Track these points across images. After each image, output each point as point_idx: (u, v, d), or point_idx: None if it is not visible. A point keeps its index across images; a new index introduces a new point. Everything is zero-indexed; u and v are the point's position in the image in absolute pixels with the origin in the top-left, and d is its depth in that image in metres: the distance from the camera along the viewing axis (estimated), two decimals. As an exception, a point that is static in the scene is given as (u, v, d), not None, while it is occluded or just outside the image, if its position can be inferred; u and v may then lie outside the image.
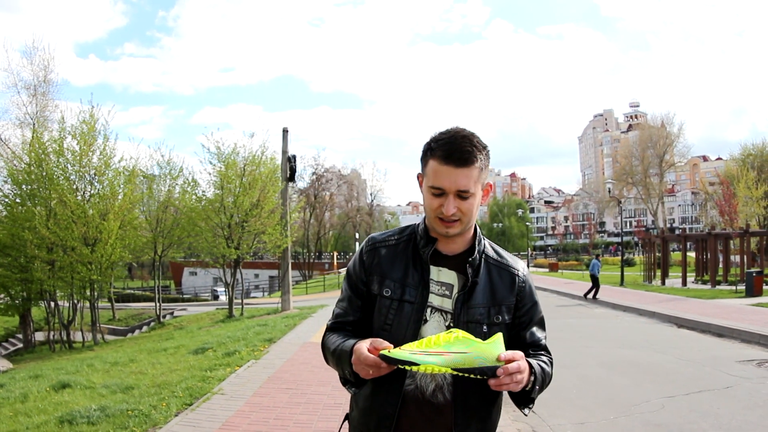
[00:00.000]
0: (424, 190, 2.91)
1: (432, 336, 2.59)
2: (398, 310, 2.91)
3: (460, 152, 2.79)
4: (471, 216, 2.88)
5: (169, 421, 9.45)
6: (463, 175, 2.78)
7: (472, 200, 2.84)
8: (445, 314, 2.89)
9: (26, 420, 10.31)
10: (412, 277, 2.92)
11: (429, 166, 2.86)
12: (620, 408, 10.69)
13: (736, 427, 9.39)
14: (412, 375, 2.83)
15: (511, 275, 3.04)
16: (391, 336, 2.79)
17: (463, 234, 2.96)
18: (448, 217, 2.80)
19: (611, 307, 31.39)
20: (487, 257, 3.03)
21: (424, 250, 2.93)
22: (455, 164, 2.77)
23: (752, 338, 18.52)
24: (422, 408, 2.85)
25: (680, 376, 13.44)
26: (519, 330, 3.03)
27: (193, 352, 17.73)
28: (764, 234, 47.34)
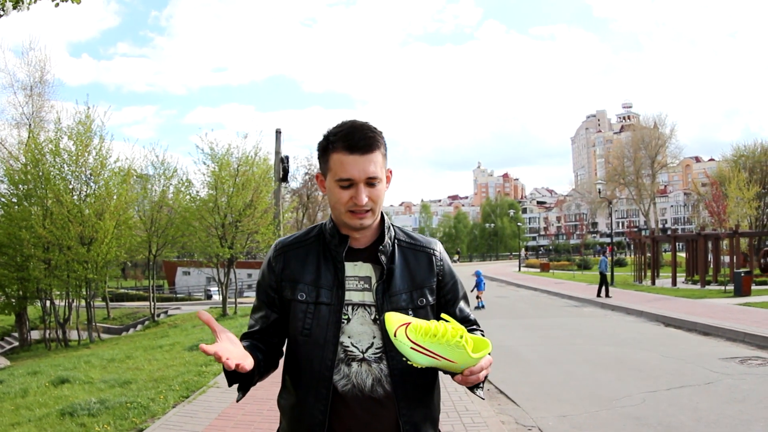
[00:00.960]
0: (330, 187, 2.87)
1: (442, 327, 2.52)
2: (315, 314, 2.86)
3: (364, 139, 2.80)
4: (380, 203, 2.88)
5: (167, 412, 9.83)
6: (370, 162, 2.80)
7: (380, 186, 2.85)
8: (369, 308, 2.87)
9: (28, 413, 10.57)
10: (325, 278, 2.89)
11: (333, 160, 2.83)
12: (602, 402, 11.07)
13: (714, 420, 9.70)
14: (346, 374, 2.80)
15: (427, 255, 3.04)
16: (310, 340, 2.82)
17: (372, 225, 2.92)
18: (361, 208, 2.79)
19: (600, 307, 31.69)
20: (399, 242, 3.01)
21: (339, 249, 2.90)
22: (361, 152, 2.78)
23: (737, 336, 18.81)
24: (364, 405, 2.81)
25: (663, 372, 13.76)
26: (447, 309, 3.02)
27: (189, 349, 18.03)
28: (753, 235, 47.75)
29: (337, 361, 2.80)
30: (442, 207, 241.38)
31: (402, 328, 2.54)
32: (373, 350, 2.82)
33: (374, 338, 2.83)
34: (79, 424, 9.25)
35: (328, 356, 2.79)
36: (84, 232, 31.97)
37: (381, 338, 2.81)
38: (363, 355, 2.80)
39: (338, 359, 2.80)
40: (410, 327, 2.53)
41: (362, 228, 2.85)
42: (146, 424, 9.18)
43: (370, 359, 2.81)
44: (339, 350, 2.80)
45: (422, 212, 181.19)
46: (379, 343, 2.82)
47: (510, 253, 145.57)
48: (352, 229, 2.88)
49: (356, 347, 2.81)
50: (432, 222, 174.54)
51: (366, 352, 2.80)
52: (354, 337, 2.82)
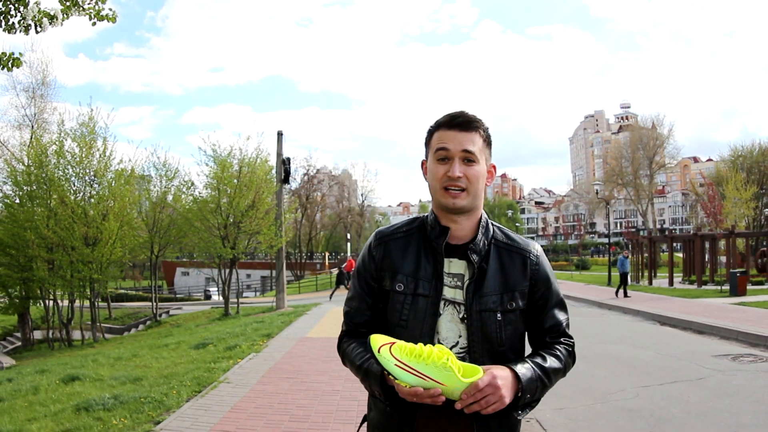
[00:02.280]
0: (430, 165, 2.93)
1: (427, 348, 2.55)
2: (413, 305, 2.87)
3: (464, 117, 2.88)
4: (477, 186, 2.87)
5: (182, 406, 10.19)
6: (468, 139, 2.84)
7: (478, 168, 2.87)
8: (458, 306, 2.86)
9: (43, 409, 10.82)
10: (424, 270, 2.89)
11: (434, 138, 2.91)
12: (597, 396, 11.48)
13: (704, 413, 10.09)
14: None
15: (522, 258, 2.99)
16: (407, 331, 2.82)
17: (471, 216, 2.94)
18: (455, 182, 2.81)
19: (597, 306, 32.10)
20: (496, 242, 2.99)
21: (438, 241, 2.90)
22: (459, 128, 2.85)
23: (731, 335, 19.14)
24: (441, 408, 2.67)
25: (656, 368, 14.13)
26: (537, 315, 3.00)
27: (195, 347, 18.26)
28: (749, 235, 47.96)
29: None
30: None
31: (386, 345, 2.60)
32: (458, 349, 2.83)
33: (460, 337, 2.85)
34: (95, 418, 9.51)
35: None
36: (89, 233, 32.27)
37: (466, 338, 2.84)
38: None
39: None
40: (395, 346, 2.59)
41: (456, 209, 2.86)
42: (162, 417, 9.49)
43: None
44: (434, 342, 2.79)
45: (420, 212, 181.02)
46: (464, 342, 2.85)
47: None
48: (447, 211, 2.90)
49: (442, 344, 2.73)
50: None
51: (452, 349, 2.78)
52: (441, 333, 2.85)
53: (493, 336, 2.83)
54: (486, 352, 2.79)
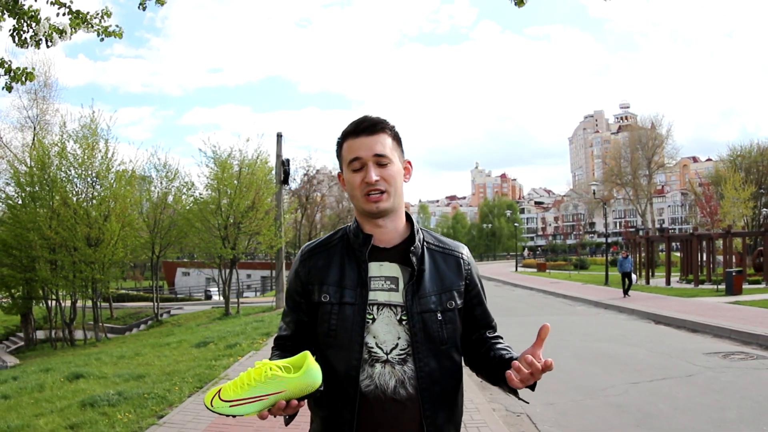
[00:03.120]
0: (346, 177, 2.94)
1: (244, 373, 2.57)
2: (339, 314, 2.87)
3: (368, 121, 2.91)
4: (396, 186, 2.90)
5: (184, 401, 10.55)
6: (376, 141, 2.87)
7: (392, 167, 2.88)
8: (395, 308, 2.86)
9: (49, 405, 11.06)
10: (349, 278, 2.91)
11: (344, 149, 2.93)
12: (587, 392, 11.81)
13: (691, 408, 10.41)
14: (369, 375, 2.80)
15: (455, 259, 3.05)
16: (337, 341, 2.84)
17: (395, 219, 2.98)
18: (374, 186, 2.83)
19: (593, 305, 32.18)
20: (428, 244, 3.02)
21: (362, 249, 2.93)
22: (366, 133, 2.88)
23: (723, 333, 19.42)
24: (386, 407, 2.79)
25: (647, 365, 14.45)
26: (472, 312, 3.06)
27: (196, 346, 18.59)
28: (745, 235, 48.10)
29: (363, 362, 2.81)
30: (440, 207, 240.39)
31: (215, 397, 2.58)
32: (398, 351, 2.82)
33: (399, 339, 2.83)
34: (101, 413, 9.77)
35: (354, 356, 2.80)
36: (91, 234, 32.52)
37: (406, 340, 2.83)
38: (387, 357, 2.81)
39: (364, 360, 2.81)
40: (222, 391, 2.57)
41: (380, 212, 2.87)
42: (165, 411, 9.83)
43: (394, 361, 2.81)
44: (363, 351, 2.82)
45: (420, 213, 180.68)
46: (404, 344, 2.83)
47: (507, 254, 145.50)
48: (372, 216, 2.91)
49: (380, 348, 2.82)
50: (430, 222, 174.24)
51: (390, 354, 2.81)
52: (379, 337, 2.83)
53: (436, 336, 2.86)
54: (429, 352, 2.83)
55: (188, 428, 8.81)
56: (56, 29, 5.42)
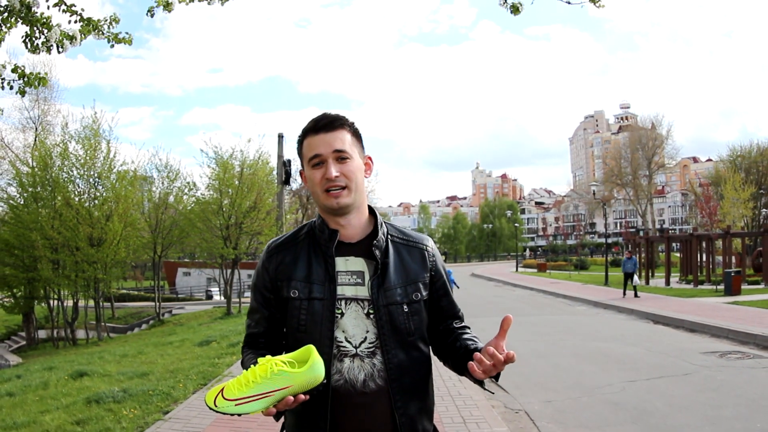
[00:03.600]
0: (307, 174, 2.97)
1: (249, 372, 2.59)
2: (309, 309, 2.90)
3: (326, 118, 2.95)
4: (356, 181, 2.93)
5: (189, 397, 10.75)
6: (335, 138, 2.89)
7: (352, 163, 2.91)
8: (362, 302, 2.90)
9: (54, 402, 11.22)
10: (316, 274, 2.93)
11: (305, 146, 2.96)
12: (585, 390, 11.98)
13: (686, 406, 10.56)
14: (339, 370, 2.83)
15: (420, 251, 3.08)
16: (307, 336, 2.86)
17: (358, 213, 3.01)
18: (333, 182, 2.86)
19: (592, 305, 32.32)
20: (392, 237, 3.05)
21: (328, 244, 2.95)
22: (325, 130, 2.90)
23: (721, 333, 19.52)
24: (356, 401, 2.82)
25: (645, 364, 14.58)
26: (438, 302, 3.09)
27: (198, 345, 18.76)
28: (744, 235, 48.20)
29: (332, 358, 2.83)
30: (440, 208, 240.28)
31: (218, 396, 2.58)
32: (366, 345, 2.85)
33: (367, 332, 2.87)
34: (106, 410, 9.93)
35: (324, 351, 2.77)
36: (93, 234, 32.68)
37: (374, 333, 2.86)
38: (356, 351, 2.84)
39: (333, 355, 2.84)
40: (225, 390, 2.59)
41: (341, 207, 2.90)
42: (170, 407, 10.01)
43: (363, 354, 2.84)
44: (333, 346, 2.84)
45: (421, 213, 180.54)
46: (372, 337, 2.86)
47: (508, 254, 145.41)
48: (333, 213, 2.95)
49: (349, 342, 2.85)
50: (431, 223, 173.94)
51: (359, 347, 2.85)
52: (348, 331, 2.86)
53: (402, 327, 2.89)
54: (397, 344, 2.86)
55: (193, 423, 9.00)
56: (67, 36, 5.59)
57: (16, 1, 4.98)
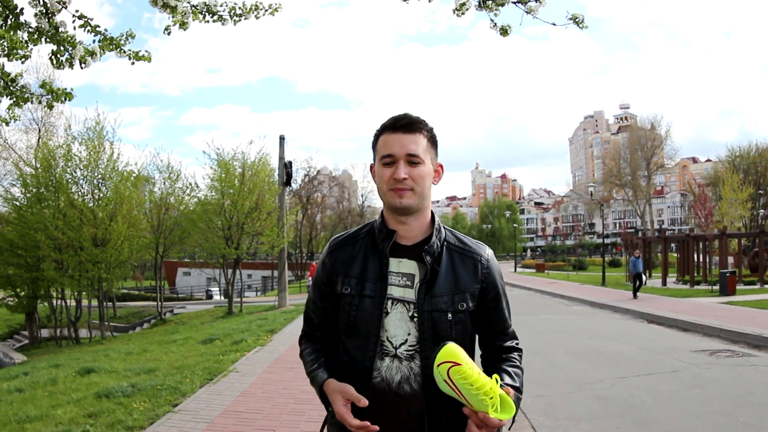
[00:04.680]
0: (377, 169, 3.01)
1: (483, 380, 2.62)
2: (359, 306, 2.93)
3: (406, 119, 2.99)
4: (423, 186, 2.95)
5: (196, 391, 11.13)
6: (411, 141, 2.93)
7: (423, 168, 2.94)
8: (408, 304, 2.91)
9: (65, 397, 11.49)
10: (371, 272, 2.96)
11: (379, 142, 3.01)
12: (576, 385, 12.38)
13: (673, 401, 10.95)
14: (378, 368, 2.89)
15: (473, 261, 3.04)
16: (356, 332, 2.94)
17: (419, 216, 3.03)
18: (401, 182, 2.89)
19: (589, 305, 32.66)
20: (448, 244, 3.05)
21: (384, 244, 2.99)
22: (403, 130, 2.94)
23: (713, 332, 19.87)
24: (389, 400, 2.86)
25: (636, 362, 14.97)
26: (487, 317, 3.08)
27: (202, 342, 19.05)
28: (740, 236, 48.53)
29: (375, 355, 2.90)
30: (440, 208, 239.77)
31: (447, 365, 2.65)
32: (406, 347, 2.88)
33: (409, 335, 2.89)
34: (117, 403, 10.26)
35: (370, 347, 2.89)
36: (97, 234, 32.89)
37: (416, 336, 2.88)
38: (395, 351, 2.88)
39: (376, 352, 2.89)
40: (456, 368, 2.63)
41: (403, 207, 2.93)
42: (179, 400, 10.40)
43: (402, 356, 2.87)
44: (377, 344, 2.90)
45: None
46: (413, 340, 2.88)
47: (507, 254, 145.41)
48: (395, 211, 2.99)
49: (390, 342, 2.89)
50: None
51: (399, 348, 2.88)
52: (390, 331, 2.90)
53: (443, 335, 2.87)
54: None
55: (202, 415, 9.41)
56: (89, 52, 6.03)
57: (45, 23, 5.40)
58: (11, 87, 6.06)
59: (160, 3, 5.51)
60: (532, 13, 5.47)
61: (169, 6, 5.54)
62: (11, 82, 6.03)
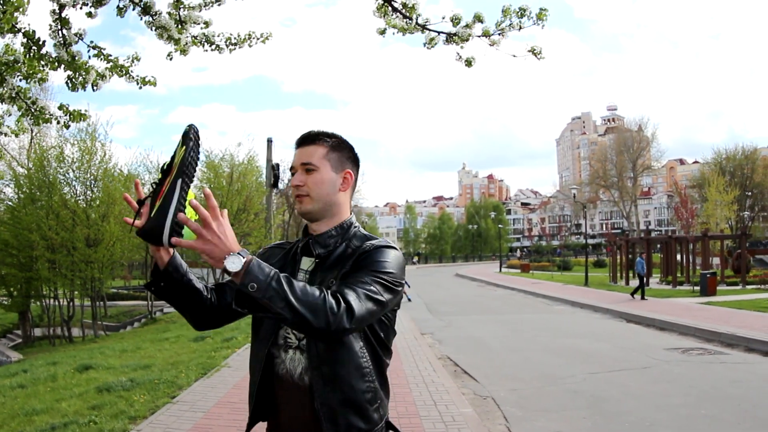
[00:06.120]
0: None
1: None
2: None
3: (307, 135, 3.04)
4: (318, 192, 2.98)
5: (192, 384, 11.80)
6: (306, 152, 2.99)
7: (317, 174, 2.96)
8: None
9: (66, 391, 12.03)
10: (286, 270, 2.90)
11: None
12: (549, 380, 13.12)
13: (640, 395, 11.67)
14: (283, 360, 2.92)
15: (354, 250, 2.97)
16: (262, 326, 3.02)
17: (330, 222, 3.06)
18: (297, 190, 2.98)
19: (570, 305, 33.10)
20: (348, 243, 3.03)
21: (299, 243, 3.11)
22: (299, 144, 3.03)
23: (689, 331, 20.48)
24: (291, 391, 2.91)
25: (609, 359, 15.69)
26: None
27: (194, 340, 19.57)
28: (722, 237, 49.09)
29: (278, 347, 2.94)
30: (426, 208, 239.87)
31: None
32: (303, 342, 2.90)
33: None
34: (118, 396, 10.85)
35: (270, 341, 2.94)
36: (90, 234, 33.47)
37: None
38: (298, 343, 2.91)
39: (279, 345, 2.94)
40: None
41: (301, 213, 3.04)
42: (176, 393, 11.06)
43: (303, 348, 2.89)
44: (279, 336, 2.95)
45: (407, 213, 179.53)
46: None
47: (494, 254, 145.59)
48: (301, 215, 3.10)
49: (294, 335, 2.92)
50: (417, 223, 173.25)
51: (302, 341, 2.90)
52: None
53: None
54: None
55: (198, 406, 10.13)
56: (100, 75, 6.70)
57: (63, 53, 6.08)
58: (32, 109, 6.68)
59: (165, 36, 6.17)
60: (495, 45, 6.09)
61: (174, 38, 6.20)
62: (33, 104, 6.66)
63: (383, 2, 6.00)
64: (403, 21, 6.05)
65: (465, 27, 6.16)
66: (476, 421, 9.39)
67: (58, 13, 5.90)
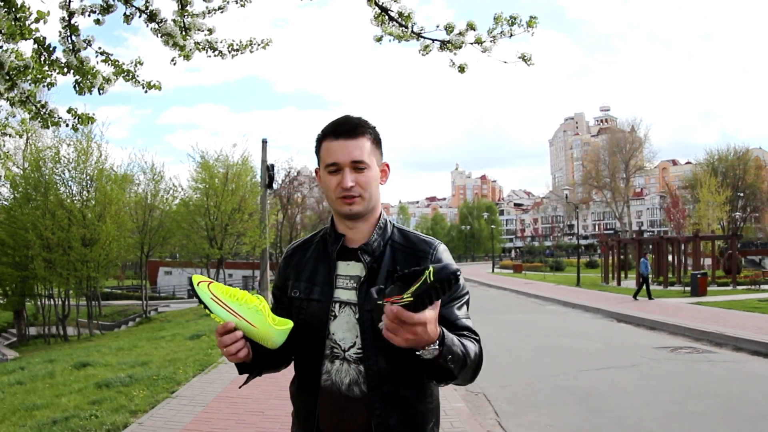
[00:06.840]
0: (322, 176, 2.90)
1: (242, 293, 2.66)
2: (307, 310, 2.89)
3: (349, 124, 2.85)
4: (371, 191, 2.86)
5: (190, 380, 12.06)
6: (355, 146, 2.80)
7: (369, 173, 2.84)
8: (354, 306, 2.82)
9: (66, 387, 12.23)
10: (320, 276, 2.92)
11: (322, 149, 2.87)
12: (539, 377, 13.35)
13: (628, 391, 11.90)
14: (328, 371, 2.81)
15: (417, 257, 2.86)
16: (304, 335, 2.85)
17: (368, 219, 2.94)
18: (348, 191, 2.79)
19: (562, 305, 33.37)
20: (393, 242, 2.94)
21: (333, 248, 2.93)
22: (345, 137, 2.81)
23: (678, 330, 20.70)
24: (340, 403, 2.79)
25: (599, 357, 15.92)
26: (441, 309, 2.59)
27: (190, 338, 19.82)
28: (713, 238, 49.22)
29: (324, 357, 2.81)
30: (420, 208, 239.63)
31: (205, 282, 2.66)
32: (355, 350, 2.79)
33: (357, 338, 2.79)
34: (117, 392, 11.06)
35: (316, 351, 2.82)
36: (86, 234, 33.60)
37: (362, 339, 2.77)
38: (344, 354, 2.80)
39: (324, 355, 2.82)
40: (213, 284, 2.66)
41: (352, 215, 2.85)
42: (175, 388, 11.29)
43: (351, 359, 2.78)
44: (326, 346, 2.82)
45: (400, 214, 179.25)
46: (360, 343, 2.78)
47: (486, 255, 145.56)
48: (344, 217, 2.90)
49: (339, 345, 2.81)
50: (409, 224, 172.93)
51: (347, 351, 2.80)
52: (338, 334, 2.82)
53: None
54: (378, 351, 2.74)
55: (197, 400, 10.37)
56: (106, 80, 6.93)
57: (73, 59, 6.32)
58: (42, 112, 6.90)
59: (170, 42, 6.41)
60: (487, 52, 6.33)
61: (179, 45, 6.44)
62: (42, 107, 6.88)
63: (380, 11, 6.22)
64: (399, 29, 6.27)
65: (458, 35, 6.39)
66: (468, 415, 9.63)
67: (68, 21, 6.13)
